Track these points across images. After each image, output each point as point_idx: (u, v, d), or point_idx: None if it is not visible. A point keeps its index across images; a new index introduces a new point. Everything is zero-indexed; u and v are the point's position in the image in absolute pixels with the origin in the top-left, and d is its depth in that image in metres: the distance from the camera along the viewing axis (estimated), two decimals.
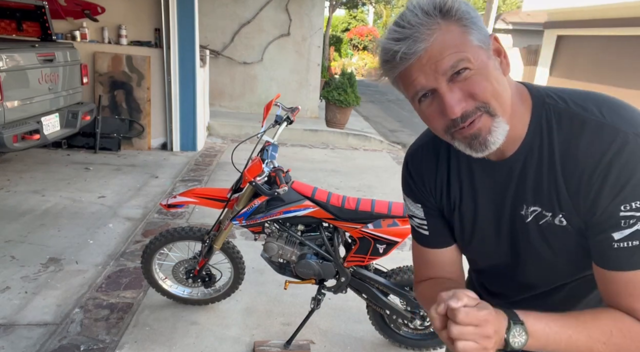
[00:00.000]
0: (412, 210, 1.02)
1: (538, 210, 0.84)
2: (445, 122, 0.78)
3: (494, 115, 0.77)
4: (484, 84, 0.75)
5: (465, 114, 0.76)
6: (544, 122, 0.81)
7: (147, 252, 2.46)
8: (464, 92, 0.75)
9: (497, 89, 0.76)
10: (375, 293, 2.22)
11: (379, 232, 2.05)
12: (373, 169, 5.91)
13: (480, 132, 0.77)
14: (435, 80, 0.75)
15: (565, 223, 0.81)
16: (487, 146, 0.78)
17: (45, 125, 4.15)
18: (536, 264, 0.91)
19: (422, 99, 0.79)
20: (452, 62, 0.73)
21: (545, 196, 0.82)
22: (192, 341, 2.35)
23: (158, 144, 6.01)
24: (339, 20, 28.48)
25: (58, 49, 4.46)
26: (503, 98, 0.77)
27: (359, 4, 18.07)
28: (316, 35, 8.21)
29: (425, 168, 0.97)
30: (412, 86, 0.78)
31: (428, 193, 0.98)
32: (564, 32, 12.60)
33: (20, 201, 3.93)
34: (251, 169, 2.01)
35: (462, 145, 0.81)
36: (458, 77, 0.74)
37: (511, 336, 0.72)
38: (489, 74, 0.75)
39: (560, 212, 0.81)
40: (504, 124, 0.78)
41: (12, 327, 2.36)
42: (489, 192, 0.90)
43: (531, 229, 0.86)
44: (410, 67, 0.75)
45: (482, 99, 0.75)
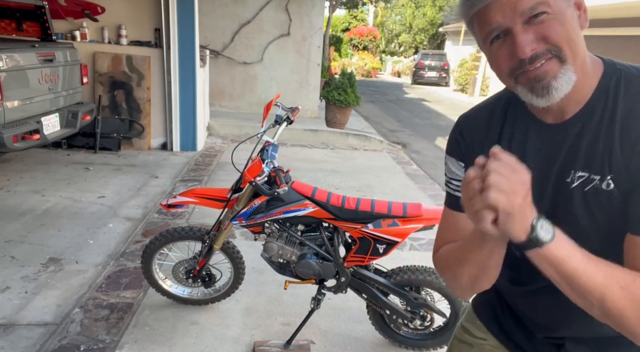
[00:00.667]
0: (452, 171, 0.99)
1: (586, 175, 0.81)
2: (513, 63, 0.77)
3: (564, 62, 0.76)
4: (559, 28, 0.74)
5: (534, 56, 0.75)
6: (612, 86, 0.80)
7: (147, 252, 2.46)
8: (538, 34, 0.74)
9: (572, 37, 0.75)
10: (375, 293, 2.22)
11: (379, 232, 2.05)
12: (373, 169, 5.91)
13: (546, 75, 0.76)
14: (512, 20, 0.75)
15: (613, 186, 0.78)
16: (549, 91, 0.77)
17: (45, 125, 4.15)
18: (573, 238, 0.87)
19: (495, 41, 0.78)
20: (532, 4, 0.73)
21: (597, 159, 0.79)
22: (192, 341, 2.35)
23: (158, 144, 6.01)
24: (339, 20, 28.48)
25: (58, 49, 4.46)
26: (577, 46, 0.76)
27: (359, 4, 18.06)
28: (316, 35, 8.21)
29: (476, 128, 0.96)
30: (487, 25, 0.77)
31: (474, 153, 0.94)
32: None
33: (20, 201, 3.93)
34: (251, 169, 2.01)
35: (524, 90, 0.79)
36: (535, 20, 0.74)
37: (539, 225, 0.70)
38: (566, 21, 0.75)
39: (610, 173, 0.78)
40: (572, 73, 0.76)
41: (12, 327, 2.36)
42: (538, 156, 0.87)
43: (575, 195, 0.83)
44: (490, 5, 0.75)
45: (555, 42, 0.75)
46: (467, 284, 0.89)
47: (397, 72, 26.85)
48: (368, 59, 24.96)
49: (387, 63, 29.00)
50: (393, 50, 32.38)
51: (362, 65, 23.72)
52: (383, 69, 28.20)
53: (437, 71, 21.40)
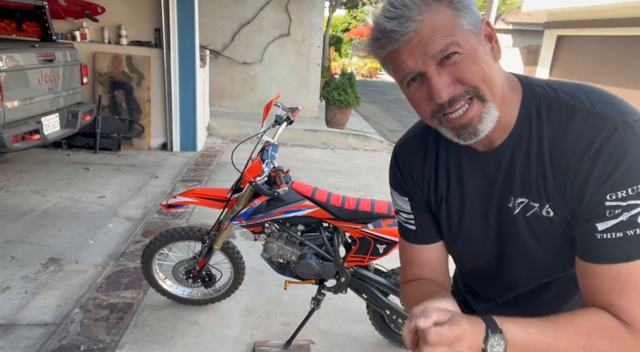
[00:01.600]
0: (398, 204, 1.01)
1: (525, 201, 0.82)
2: (432, 106, 0.77)
3: (484, 100, 0.76)
4: (472, 68, 0.74)
5: (452, 99, 0.75)
6: (533, 111, 0.80)
7: (147, 252, 2.46)
8: (453, 76, 0.74)
9: (487, 74, 0.75)
10: (375, 293, 2.22)
11: (379, 232, 2.05)
12: (373, 169, 5.91)
13: (471, 122, 0.76)
14: (424, 64, 0.74)
15: (552, 214, 0.80)
16: (476, 134, 0.77)
17: (45, 125, 4.15)
18: (522, 260, 0.89)
19: (411, 83, 0.78)
20: (442, 46, 0.72)
21: (533, 186, 0.81)
22: (192, 341, 2.35)
23: (158, 144, 6.01)
24: (339, 20, 28.48)
25: (58, 49, 4.46)
26: (493, 83, 0.76)
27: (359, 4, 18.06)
28: (316, 36, 8.21)
29: (413, 160, 0.96)
30: (400, 69, 0.77)
31: (415, 186, 0.96)
32: (564, 32, 12.60)
33: (20, 201, 3.93)
34: (251, 169, 2.01)
35: (449, 133, 0.80)
36: (447, 61, 0.73)
37: (489, 346, 0.69)
38: (479, 59, 0.74)
39: (548, 202, 0.80)
40: (494, 110, 0.77)
41: (12, 327, 2.36)
42: (476, 184, 0.88)
43: (519, 221, 0.84)
44: (400, 48, 0.74)
45: (471, 83, 0.74)
46: None
47: None
48: (368, 59, 24.93)
49: None
50: None
51: (362, 65, 23.73)
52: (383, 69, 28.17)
53: None
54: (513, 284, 0.95)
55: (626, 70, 10.28)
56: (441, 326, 0.67)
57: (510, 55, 15.49)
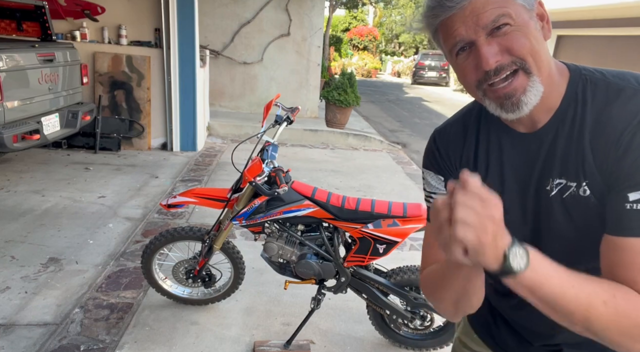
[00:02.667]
0: (432, 185, 0.98)
1: (563, 182, 0.81)
2: (479, 75, 0.78)
3: (530, 73, 0.76)
4: (522, 40, 0.74)
5: (499, 67, 0.75)
6: (579, 92, 0.80)
7: (147, 252, 2.46)
8: (501, 46, 0.75)
9: (536, 48, 0.75)
10: (375, 293, 2.22)
11: (379, 232, 2.05)
12: (373, 169, 5.91)
13: (515, 92, 0.76)
14: (475, 33, 0.75)
15: (589, 193, 0.79)
16: (519, 107, 0.77)
17: (45, 125, 4.15)
18: (556, 244, 0.86)
19: (460, 52, 0.78)
20: (494, 16, 0.73)
21: (571, 166, 0.80)
22: (192, 341, 2.35)
23: (158, 144, 6.01)
24: (339, 20, 28.48)
25: (58, 49, 4.46)
26: (541, 57, 0.76)
27: (359, 4, 18.08)
28: (316, 36, 8.21)
29: (452, 142, 0.95)
30: (451, 37, 0.77)
31: (452, 167, 0.95)
32: (564, 32, 12.61)
33: (20, 201, 3.93)
34: (251, 169, 2.01)
35: (492, 105, 0.80)
36: (498, 31, 0.74)
37: (511, 254, 0.67)
38: (529, 32, 0.75)
39: (585, 180, 0.79)
40: (539, 85, 0.77)
41: (12, 327, 2.36)
42: (516, 167, 0.87)
43: (555, 203, 0.83)
44: (453, 16, 0.75)
45: (519, 54, 0.75)
46: (451, 309, 0.88)
47: (397, 72, 26.86)
48: (368, 59, 24.97)
49: (387, 63, 29.00)
50: (393, 50, 32.39)
51: (362, 65, 23.73)
52: (383, 69, 28.20)
53: (437, 71, 21.41)
54: None
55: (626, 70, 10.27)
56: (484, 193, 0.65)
57: None
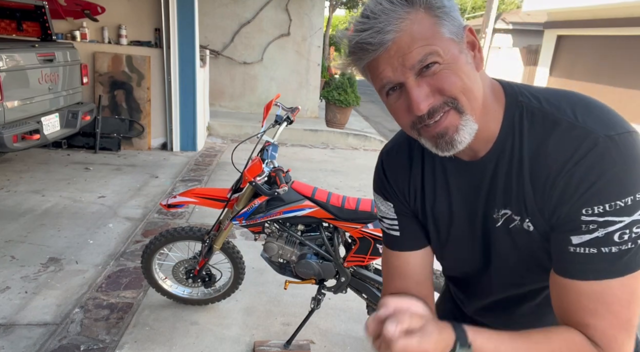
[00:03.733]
0: (382, 210, 0.99)
1: (508, 213, 0.81)
2: (412, 117, 0.75)
3: (462, 112, 0.73)
4: (452, 79, 0.71)
5: (432, 110, 0.73)
6: (516, 121, 0.78)
7: (147, 252, 2.46)
8: (432, 87, 0.72)
9: (467, 85, 0.72)
10: (376, 293, 2.22)
11: (379, 232, 2.05)
12: (373, 169, 5.89)
13: (447, 131, 0.74)
14: (403, 75, 0.71)
15: (532, 228, 0.79)
16: (453, 145, 0.75)
17: (45, 125, 4.15)
18: (505, 270, 0.88)
19: (390, 92, 0.76)
20: (421, 56, 0.69)
21: (514, 199, 0.79)
22: (192, 341, 2.35)
23: (158, 144, 6.01)
24: (339, 20, 28.49)
25: (58, 49, 4.46)
26: (473, 94, 0.73)
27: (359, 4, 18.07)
28: (316, 35, 8.21)
29: (399, 168, 0.94)
30: (379, 79, 0.75)
31: (401, 194, 0.95)
32: (564, 32, 12.61)
33: (20, 201, 3.93)
34: (251, 169, 2.01)
35: (428, 144, 0.79)
36: (427, 71, 0.71)
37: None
38: (459, 69, 0.72)
39: (527, 217, 0.79)
40: (472, 123, 0.75)
41: (12, 327, 2.36)
42: (462, 194, 0.87)
43: (501, 232, 0.83)
44: (378, 58, 0.72)
45: (450, 94, 0.72)
46: None
47: None
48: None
49: None
50: None
51: None
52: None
53: None
54: (494, 293, 0.95)
55: (626, 70, 10.29)
56: (411, 336, 0.65)
57: (510, 55, 15.49)
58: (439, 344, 0.67)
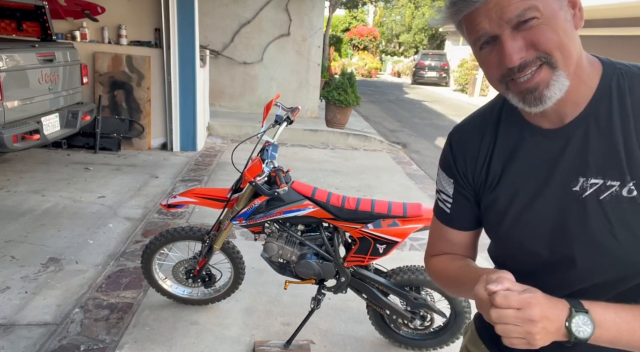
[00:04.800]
0: (442, 184, 0.98)
1: (600, 182, 0.75)
2: (502, 70, 0.75)
3: (555, 68, 0.72)
4: (549, 34, 0.70)
5: (523, 64, 0.72)
6: (614, 86, 0.76)
7: (147, 252, 2.46)
8: (527, 41, 0.71)
9: (563, 41, 0.71)
10: (375, 293, 2.22)
11: (379, 232, 2.05)
12: (373, 169, 5.91)
13: (538, 86, 0.73)
14: (499, 27, 0.71)
15: (636, 193, 0.72)
16: (542, 101, 0.74)
17: (45, 125, 4.15)
18: (588, 254, 0.78)
19: (484, 46, 0.75)
20: (519, 11, 0.69)
21: (613, 164, 0.74)
22: (192, 341, 2.35)
23: (158, 144, 6.01)
24: (339, 20, 28.49)
25: (58, 49, 4.46)
26: (568, 51, 0.72)
27: (359, 4, 18.08)
28: (316, 35, 8.21)
29: (469, 140, 0.92)
30: (475, 31, 0.74)
31: (467, 169, 0.92)
32: None
33: (20, 201, 3.93)
34: (251, 169, 2.01)
35: (515, 99, 0.77)
36: (524, 25, 0.71)
37: (574, 324, 0.66)
38: (557, 25, 0.71)
39: (632, 179, 0.73)
40: (564, 79, 0.73)
41: (12, 327, 2.36)
42: (536, 165, 0.82)
43: (589, 205, 0.76)
44: (477, 10, 0.72)
45: (545, 49, 0.71)
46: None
47: (397, 72, 26.86)
48: (368, 59, 24.97)
49: (387, 63, 29.00)
50: (393, 50, 32.39)
51: (362, 65, 23.73)
52: (383, 69, 28.21)
53: (437, 71, 21.41)
54: (568, 282, 0.83)
55: None
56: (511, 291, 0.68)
57: None
58: (551, 309, 0.68)
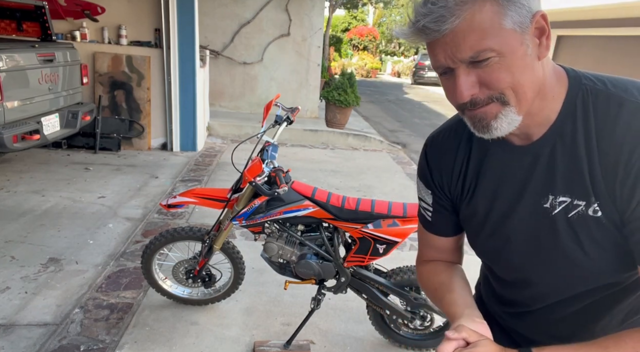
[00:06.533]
0: (422, 193, 1.01)
1: (567, 200, 0.77)
2: (456, 102, 0.77)
3: (506, 104, 0.73)
4: (502, 75, 0.71)
5: (474, 101, 0.74)
6: (579, 104, 0.76)
7: (147, 253, 2.46)
8: (480, 78, 0.72)
9: (518, 80, 0.71)
10: (375, 293, 2.22)
11: (379, 232, 2.05)
12: (373, 169, 5.91)
13: (485, 116, 0.75)
14: (453, 63, 0.73)
15: (600, 214, 0.75)
16: (489, 130, 0.76)
17: (45, 126, 4.15)
18: (558, 266, 0.83)
19: (443, 74, 0.77)
20: (472, 52, 0.70)
21: (578, 184, 0.76)
22: (192, 341, 2.35)
23: (158, 144, 6.01)
24: (339, 20, 28.48)
25: (58, 49, 4.46)
26: (523, 88, 0.72)
27: (359, 4, 18.08)
28: (316, 36, 8.21)
29: (444, 152, 0.94)
30: (434, 60, 0.76)
31: (442, 180, 0.95)
32: (564, 32, 12.61)
33: (20, 201, 3.93)
34: (251, 169, 2.01)
35: (468, 123, 0.80)
36: (479, 64, 0.71)
37: None
38: (513, 63, 0.70)
39: (596, 200, 0.74)
40: (514, 115, 0.74)
41: (12, 327, 2.36)
42: (508, 180, 0.85)
43: (558, 222, 0.79)
44: (435, 42, 0.73)
45: (497, 89, 0.72)
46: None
47: (397, 73, 26.86)
48: (368, 59, 24.97)
49: (387, 63, 29.00)
50: (393, 51, 32.39)
51: (362, 65, 23.73)
52: (383, 69, 28.20)
53: None
54: (542, 293, 0.90)
55: (626, 70, 10.29)
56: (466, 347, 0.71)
57: None
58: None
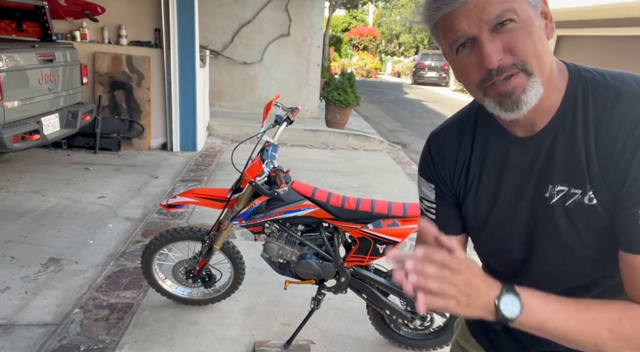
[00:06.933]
0: (423, 191, 0.99)
1: (565, 189, 0.79)
2: (480, 74, 0.75)
3: (531, 75, 0.73)
4: (526, 40, 0.72)
5: (501, 67, 0.73)
6: (579, 95, 0.78)
7: (147, 253, 2.46)
8: (505, 44, 0.72)
9: (538, 49, 0.73)
10: (375, 293, 2.22)
11: (379, 233, 2.05)
12: (373, 169, 5.91)
13: (514, 90, 0.74)
14: (478, 28, 0.72)
15: (596, 202, 0.76)
16: (518, 106, 0.75)
17: (45, 126, 4.15)
18: (556, 256, 0.84)
19: (460, 49, 0.76)
20: (499, 11, 0.70)
21: (575, 172, 0.77)
22: (192, 341, 2.35)
23: (158, 144, 6.01)
24: (339, 20, 28.49)
25: (58, 49, 4.46)
26: (542, 59, 0.74)
27: (359, 4, 18.08)
28: (316, 36, 8.21)
29: (447, 146, 0.94)
30: (453, 32, 0.74)
31: (445, 174, 0.94)
32: (564, 32, 12.61)
33: (20, 201, 3.93)
34: (251, 169, 2.01)
35: (492, 104, 0.78)
36: (502, 28, 0.71)
37: (502, 303, 0.68)
38: (533, 32, 0.72)
39: (591, 188, 0.76)
40: (539, 86, 0.74)
41: (12, 327, 2.36)
42: (511, 172, 0.85)
43: (556, 211, 0.80)
44: (456, 10, 0.72)
45: (521, 55, 0.72)
46: None
47: (397, 73, 26.86)
48: (368, 59, 24.98)
49: (387, 63, 29.00)
50: (393, 51, 32.39)
51: (362, 65, 23.73)
52: (383, 69, 28.21)
53: (437, 71, 21.41)
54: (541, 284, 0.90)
55: (626, 70, 10.27)
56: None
57: None
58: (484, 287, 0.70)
